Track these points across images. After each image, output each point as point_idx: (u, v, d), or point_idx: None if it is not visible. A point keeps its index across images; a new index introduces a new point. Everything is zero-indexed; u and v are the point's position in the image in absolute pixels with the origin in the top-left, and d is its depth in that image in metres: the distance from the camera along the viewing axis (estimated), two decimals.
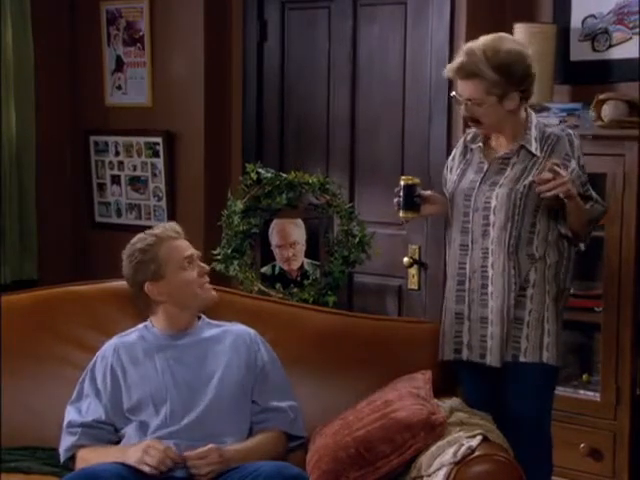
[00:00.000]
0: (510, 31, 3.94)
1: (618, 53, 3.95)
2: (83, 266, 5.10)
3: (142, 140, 4.99)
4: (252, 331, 3.13)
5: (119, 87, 5.08)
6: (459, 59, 3.08)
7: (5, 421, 3.11)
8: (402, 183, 3.19)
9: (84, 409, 2.99)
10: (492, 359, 3.09)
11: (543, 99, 3.88)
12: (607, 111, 3.70)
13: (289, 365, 2.98)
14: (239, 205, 3.99)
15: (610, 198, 3.63)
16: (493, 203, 3.10)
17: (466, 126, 3.43)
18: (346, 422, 2.96)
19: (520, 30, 3.91)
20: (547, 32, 3.93)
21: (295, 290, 3.96)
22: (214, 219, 4.19)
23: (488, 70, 3.02)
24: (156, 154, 4.96)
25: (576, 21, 4.05)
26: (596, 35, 4.01)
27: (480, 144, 3.21)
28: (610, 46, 3.98)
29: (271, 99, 4.81)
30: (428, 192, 3.27)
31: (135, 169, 5.05)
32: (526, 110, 3.16)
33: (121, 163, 5.09)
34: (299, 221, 4.02)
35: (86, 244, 5.21)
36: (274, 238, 4.03)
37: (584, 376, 3.89)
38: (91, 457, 2.88)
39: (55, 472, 3.04)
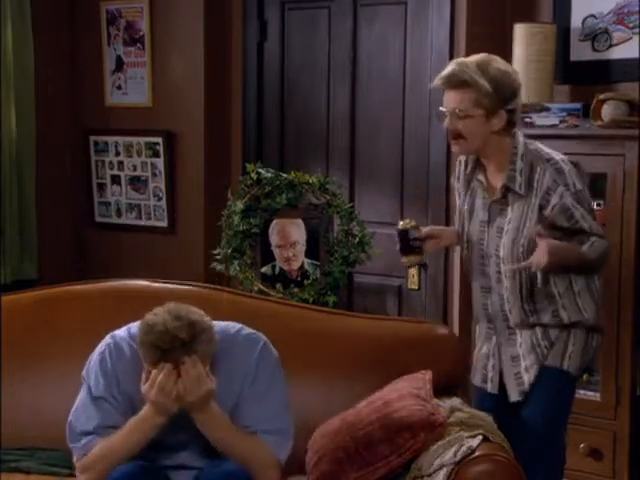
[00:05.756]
0: (510, 31, 3.95)
1: (618, 53, 3.95)
2: (83, 266, 5.10)
3: (142, 140, 4.99)
4: (257, 354, 2.90)
5: (119, 87, 5.08)
6: (450, 67, 3.01)
7: (5, 421, 3.11)
8: (397, 229, 3.15)
9: (93, 413, 2.85)
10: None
11: (543, 99, 3.88)
12: (607, 111, 3.70)
13: (288, 365, 2.97)
14: (239, 205, 3.99)
15: (610, 198, 3.63)
16: (501, 252, 3.05)
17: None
18: (346, 422, 2.96)
19: (520, 30, 3.91)
20: (547, 32, 3.92)
21: (295, 290, 3.96)
22: (214, 219, 4.20)
23: (481, 79, 2.94)
24: (156, 154, 4.96)
25: (576, 21, 4.05)
26: (596, 35, 4.01)
27: (481, 179, 3.10)
28: (610, 46, 3.98)
29: (271, 99, 4.81)
30: (427, 229, 3.21)
31: (135, 169, 5.05)
32: (513, 136, 3.03)
33: (121, 163, 5.09)
34: (299, 221, 4.02)
35: (86, 244, 5.21)
36: (274, 238, 4.03)
37: (584, 376, 3.88)
38: (111, 440, 2.79)
39: (55, 472, 3.05)
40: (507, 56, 3.96)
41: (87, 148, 5.16)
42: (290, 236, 4.01)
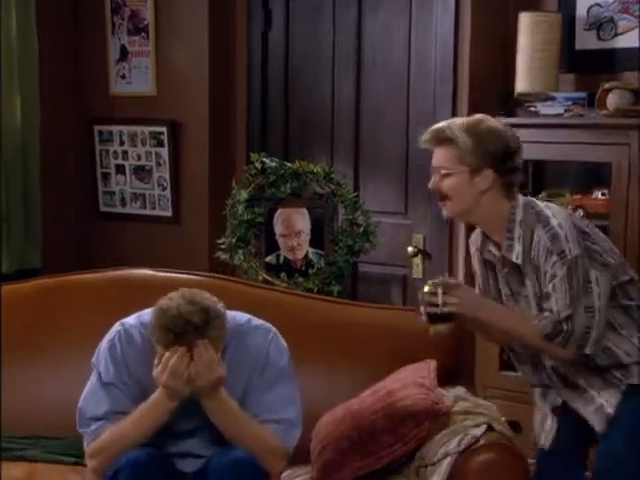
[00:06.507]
0: (515, 20, 3.93)
1: (623, 42, 3.94)
2: (87, 255, 5.10)
3: (146, 129, 4.98)
4: (267, 345, 2.90)
5: (123, 76, 5.07)
6: (436, 125, 2.87)
7: (9, 410, 3.11)
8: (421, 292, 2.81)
9: (103, 398, 2.85)
10: None
11: (548, 88, 3.87)
12: (612, 100, 3.69)
13: (293, 354, 2.97)
14: (243, 194, 3.98)
15: (615, 188, 3.63)
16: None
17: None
18: (350, 411, 2.96)
19: (525, 19, 3.90)
20: (552, 21, 3.91)
21: (300, 279, 3.96)
22: (219, 208, 4.19)
23: (462, 135, 2.78)
24: (160, 143, 4.95)
25: (581, 10, 4.03)
26: (601, 24, 4.00)
27: (492, 250, 2.89)
28: (615, 35, 3.97)
29: (275, 88, 4.81)
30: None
31: (140, 158, 5.05)
32: (513, 200, 2.83)
33: (125, 152, 5.09)
34: (304, 210, 4.01)
35: (90, 233, 5.21)
36: (278, 227, 4.03)
37: None
38: (121, 426, 2.78)
39: (60, 461, 3.06)
40: (512, 45, 3.96)
41: (91, 138, 5.15)
42: (294, 225, 4.01)
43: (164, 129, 4.91)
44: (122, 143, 5.09)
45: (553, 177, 4.09)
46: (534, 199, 2.93)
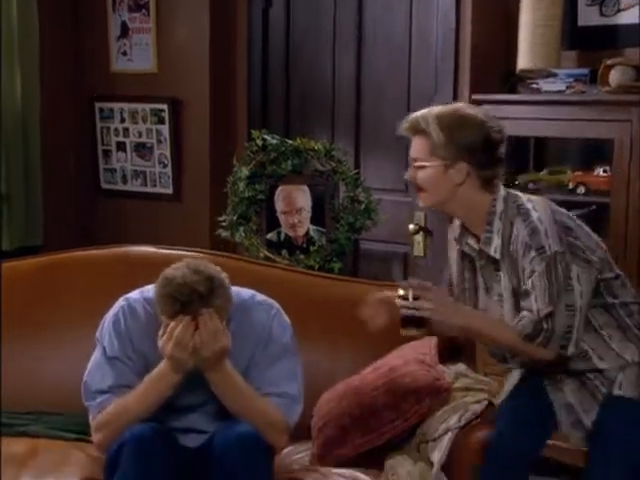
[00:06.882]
0: None
1: (626, 18, 3.92)
2: (88, 232, 5.10)
3: (147, 107, 4.97)
4: (270, 320, 2.90)
5: (124, 53, 5.06)
6: (413, 114, 2.80)
7: (9, 386, 3.12)
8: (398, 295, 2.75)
9: (107, 372, 2.85)
10: None
11: (550, 65, 3.86)
12: (615, 76, 3.68)
13: (294, 331, 2.97)
14: (244, 171, 3.98)
15: (617, 164, 3.62)
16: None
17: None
18: (351, 388, 2.97)
19: None
20: None
21: (301, 257, 3.96)
22: (220, 186, 4.19)
23: (435, 127, 2.70)
24: (161, 121, 4.95)
25: None
26: (604, 0, 3.98)
27: (471, 242, 2.82)
28: (618, 11, 3.95)
29: (276, 65, 4.79)
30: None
31: (140, 136, 5.04)
32: (493, 193, 2.74)
33: (126, 130, 5.08)
34: (305, 187, 4.01)
35: (91, 211, 5.22)
36: (280, 204, 4.02)
37: None
38: (126, 399, 2.78)
39: (62, 436, 3.07)
40: (514, 21, 3.94)
41: (92, 115, 5.15)
42: (295, 203, 4.01)
43: (165, 106, 4.91)
44: (123, 120, 5.08)
45: (555, 154, 4.09)
46: (517, 192, 2.82)
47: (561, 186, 3.86)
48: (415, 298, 2.69)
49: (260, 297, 2.94)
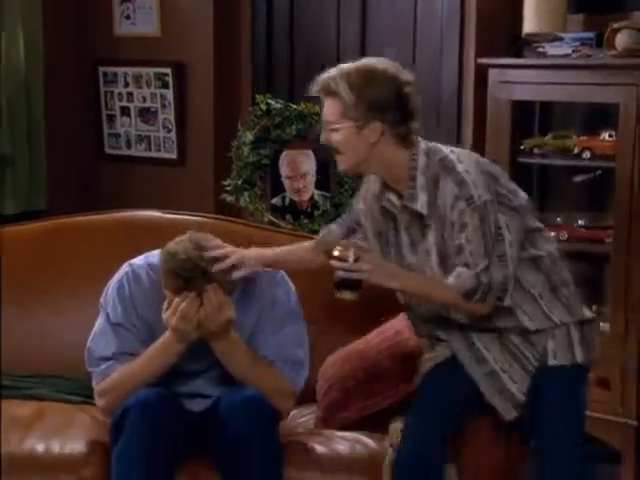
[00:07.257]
0: None
1: None
2: (92, 197, 5.10)
3: (151, 71, 4.95)
4: (275, 286, 2.90)
5: (128, 17, 5.03)
6: (325, 74, 2.71)
7: (9, 349, 3.11)
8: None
9: (111, 338, 2.85)
10: None
11: (556, 29, 3.83)
12: (621, 40, 3.65)
13: (298, 297, 2.98)
14: (249, 136, 3.97)
15: (622, 128, 3.61)
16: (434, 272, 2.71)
17: None
18: (356, 351, 2.98)
19: None
20: None
21: (305, 221, 3.96)
22: (224, 150, 4.18)
23: (345, 87, 2.62)
24: (165, 85, 4.93)
25: None
26: None
27: (392, 198, 2.72)
28: None
29: (280, 29, 4.77)
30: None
31: (144, 100, 5.02)
32: (412, 148, 2.66)
33: (130, 94, 5.06)
34: (309, 152, 4.00)
35: (95, 175, 5.21)
36: (284, 169, 4.02)
37: (593, 307, 3.89)
38: (131, 366, 2.79)
39: (68, 400, 3.09)
40: None
41: (96, 79, 5.13)
42: (300, 167, 4.00)
43: (169, 70, 4.88)
44: (127, 85, 5.06)
45: (560, 118, 4.08)
46: (438, 144, 2.71)
47: (566, 151, 3.85)
48: (355, 260, 2.58)
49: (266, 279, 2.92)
